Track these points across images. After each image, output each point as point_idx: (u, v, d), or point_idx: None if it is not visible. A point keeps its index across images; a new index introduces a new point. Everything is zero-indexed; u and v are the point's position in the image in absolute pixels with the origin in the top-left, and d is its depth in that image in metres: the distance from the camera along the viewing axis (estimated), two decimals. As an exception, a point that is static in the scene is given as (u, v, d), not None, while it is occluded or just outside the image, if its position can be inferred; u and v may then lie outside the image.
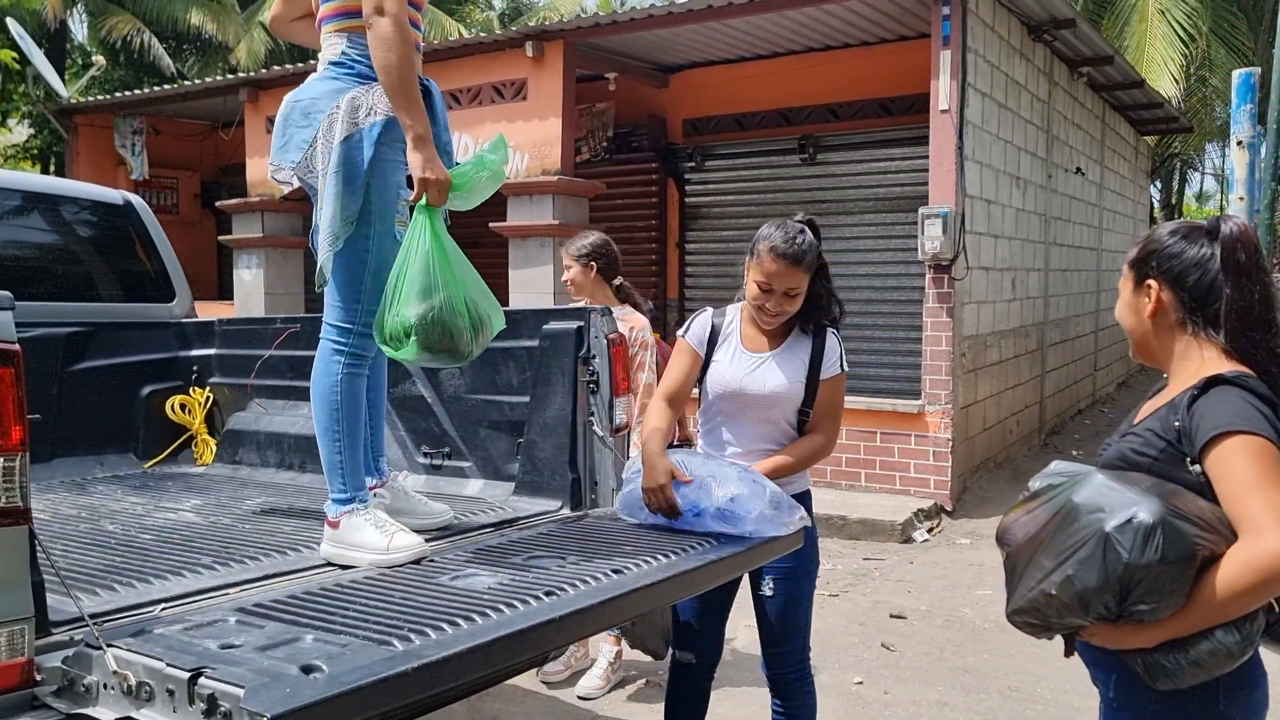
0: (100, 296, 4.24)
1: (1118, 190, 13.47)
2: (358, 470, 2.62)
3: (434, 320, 2.40)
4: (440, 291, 2.40)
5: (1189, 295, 1.86)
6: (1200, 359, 1.85)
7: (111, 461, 4.06)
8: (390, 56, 2.44)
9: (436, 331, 2.40)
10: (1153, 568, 1.65)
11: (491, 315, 2.53)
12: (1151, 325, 1.92)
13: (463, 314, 2.43)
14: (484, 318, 2.50)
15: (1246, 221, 1.93)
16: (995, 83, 8.11)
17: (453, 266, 2.44)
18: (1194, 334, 1.87)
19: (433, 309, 2.39)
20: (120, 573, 2.29)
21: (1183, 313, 1.87)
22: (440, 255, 2.43)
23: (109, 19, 15.88)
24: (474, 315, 2.46)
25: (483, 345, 2.54)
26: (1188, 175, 25.64)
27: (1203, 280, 1.85)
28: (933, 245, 7.29)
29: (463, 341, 2.45)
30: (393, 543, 2.46)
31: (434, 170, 2.45)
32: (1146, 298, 1.91)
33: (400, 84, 2.45)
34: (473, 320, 2.46)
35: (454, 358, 2.50)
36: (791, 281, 2.83)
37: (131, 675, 1.71)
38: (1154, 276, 1.90)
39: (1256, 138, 6.41)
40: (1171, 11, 14.40)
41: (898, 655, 4.71)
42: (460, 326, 2.43)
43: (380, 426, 2.95)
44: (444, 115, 2.71)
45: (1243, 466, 1.68)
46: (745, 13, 8.06)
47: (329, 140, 2.53)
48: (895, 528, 6.90)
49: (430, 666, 1.72)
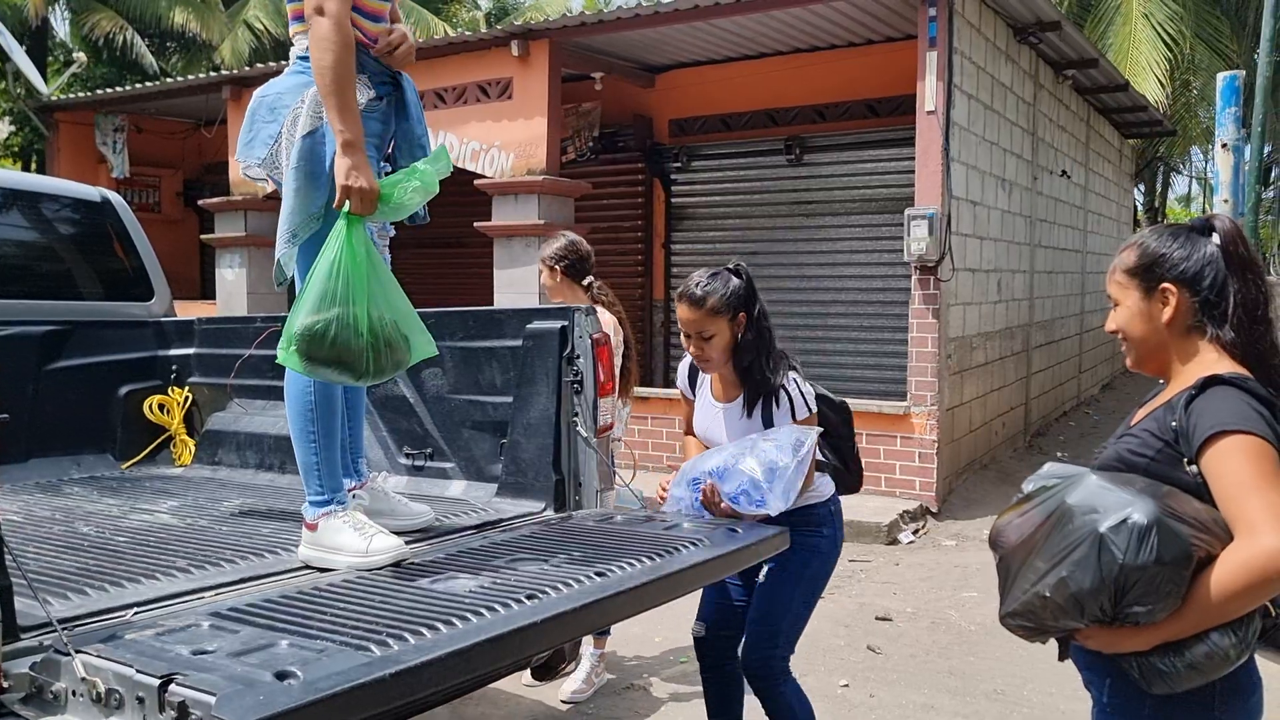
0: (78, 294, 4.18)
1: (1102, 193, 13.52)
2: (335, 472, 2.58)
3: (319, 334, 2.29)
4: (337, 306, 2.29)
5: (1206, 295, 1.84)
6: (1204, 360, 1.83)
7: (88, 462, 4.00)
8: (325, 57, 2.38)
9: (321, 346, 2.30)
10: (1148, 569, 1.63)
11: (410, 338, 2.40)
12: (1168, 331, 1.88)
13: (362, 333, 2.30)
14: (393, 340, 2.36)
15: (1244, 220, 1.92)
16: (981, 84, 8.12)
17: (362, 280, 2.31)
18: (1206, 335, 1.85)
19: (320, 322, 2.28)
20: (93, 576, 2.24)
21: (1198, 314, 1.85)
22: (351, 267, 2.31)
23: (91, 16, 15.77)
24: (381, 336, 2.33)
25: (394, 368, 2.41)
26: (1171, 178, 25.79)
27: (1216, 279, 1.84)
28: (918, 247, 7.28)
29: (360, 361, 2.32)
30: (372, 545, 2.42)
31: (359, 178, 2.35)
32: (1162, 304, 1.87)
33: (333, 86, 2.38)
34: (376, 341, 2.32)
35: (349, 376, 2.37)
36: (701, 325, 2.88)
37: (100, 682, 1.67)
38: (1168, 280, 1.87)
39: (1241, 141, 6.44)
40: (1155, 15, 14.47)
41: (884, 658, 4.69)
42: (357, 345, 2.30)
43: (359, 427, 2.89)
44: (417, 110, 2.66)
45: (1239, 466, 1.67)
46: (731, 13, 8.04)
47: (292, 135, 2.49)
48: (881, 529, 6.89)
49: (409, 672, 1.68)
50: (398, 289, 2.42)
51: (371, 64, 2.59)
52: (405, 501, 2.83)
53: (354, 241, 2.33)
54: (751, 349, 2.90)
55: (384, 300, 2.36)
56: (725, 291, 2.88)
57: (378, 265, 2.37)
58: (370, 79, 2.57)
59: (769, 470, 2.69)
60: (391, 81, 2.64)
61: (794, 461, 2.69)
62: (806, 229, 9.74)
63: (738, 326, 2.89)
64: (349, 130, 2.37)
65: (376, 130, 2.58)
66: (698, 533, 2.70)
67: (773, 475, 2.69)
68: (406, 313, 2.42)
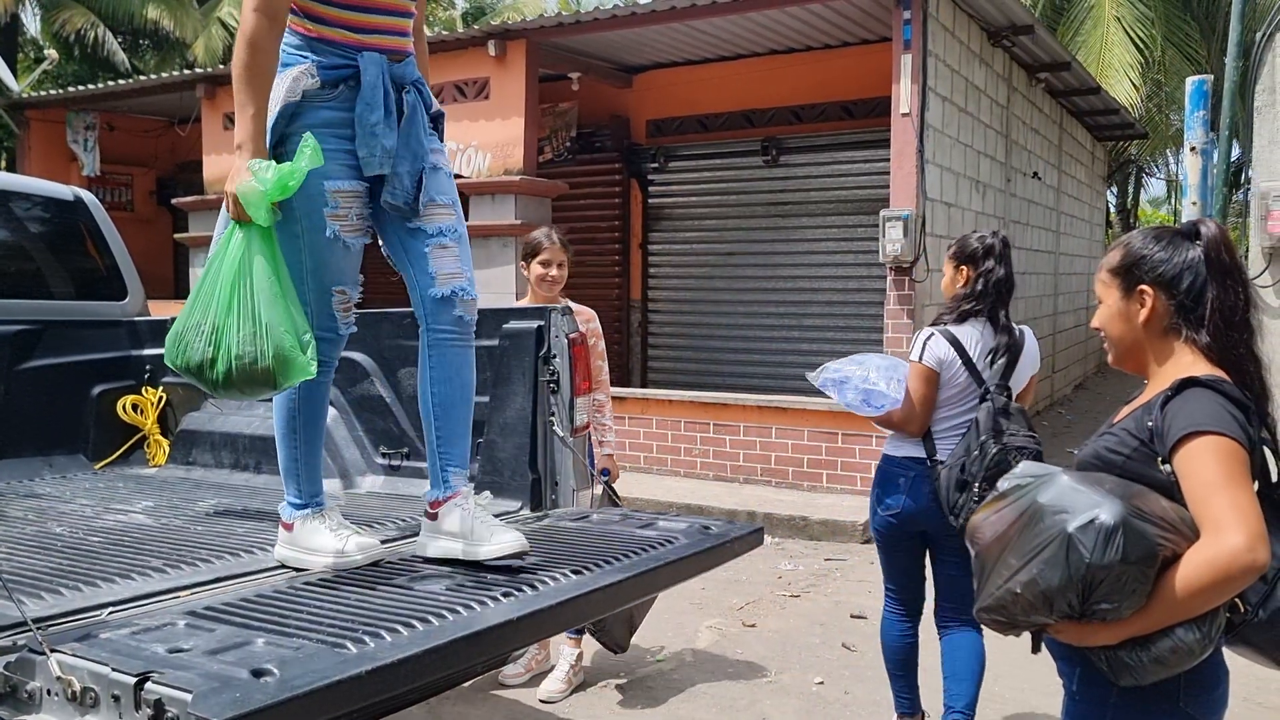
0: (50, 294, 4.15)
1: (1075, 195, 13.65)
2: (315, 477, 2.54)
3: (175, 338, 2.31)
4: (192, 309, 2.29)
5: (1182, 299, 1.88)
6: (1181, 362, 1.87)
7: (61, 462, 3.97)
8: (237, 49, 2.34)
9: (174, 349, 2.32)
10: (1114, 568, 1.66)
11: (271, 352, 2.23)
12: (1144, 332, 1.92)
13: (205, 336, 2.25)
14: (238, 350, 2.23)
15: (1221, 224, 1.96)
16: (955, 87, 8.19)
17: (215, 286, 2.27)
18: (1182, 337, 1.89)
19: (181, 327, 2.30)
20: (67, 576, 2.23)
21: (1174, 317, 1.89)
22: (211, 272, 2.28)
23: (62, 13, 15.64)
24: (222, 344, 2.24)
25: (245, 381, 2.26)
26: (1144, 181, 26.06)
27: (1194, 284, 1.87)
28: (894, 248, 7.34)
29: (206, 369, 2.27)
30: (348, 545, 2.39)
31: (230, 183, 2.30)
32: (1139, 304, 1.92)
33: (235, 81, 2.33)
34: (219, 347, 2.24)
35: (204, 385, 2.33)
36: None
37: (76, 681, 1.66)
38: (1147, 282, 1.91)
39: (1209, 144, 6.52)
40: (1126, 18, 14.64)
41: (858, 655, 4.73)
42: (203, 354, 2.26)
43: (449, 429, 2.56)
44: (373, 95, 2.41)
45: (1208, 466, 1.71)
46: (708, 14, 8.07)
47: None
48: (856, 528, 6.93)
49: (385, 669, 1.69)
50: (267, 299, 2.25)
51: (326, 50, 2.43)
52: (496, 526, 2.42)
53: (225, 246, 2.29)
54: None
55: (240, 309, 2.24)
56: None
57: (245, 273, 2.26)
58: (319, 67, 2.41)
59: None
60: (351, 68, 2.43)
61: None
62: (783, 230, 9.79)
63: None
64: (239, 133, 2.33)
65: (330, 119, 2.42)
66: (673, 531, 2.72)
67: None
68: (271, 325, 2.24)
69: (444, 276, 2.51)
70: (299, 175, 2.27)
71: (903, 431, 3.49)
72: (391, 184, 2.46)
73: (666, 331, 10.82)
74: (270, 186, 2.24)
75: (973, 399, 3.40)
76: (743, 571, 5.82)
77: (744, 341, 10.04)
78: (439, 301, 2.50)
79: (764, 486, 7.94)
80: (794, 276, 9.64)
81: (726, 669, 4.54)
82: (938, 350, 3.42)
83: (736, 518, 6.92)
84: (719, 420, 8.18)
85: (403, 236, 2.54)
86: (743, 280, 10.04)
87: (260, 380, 2.27)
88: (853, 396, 3.46)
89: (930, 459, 3.41)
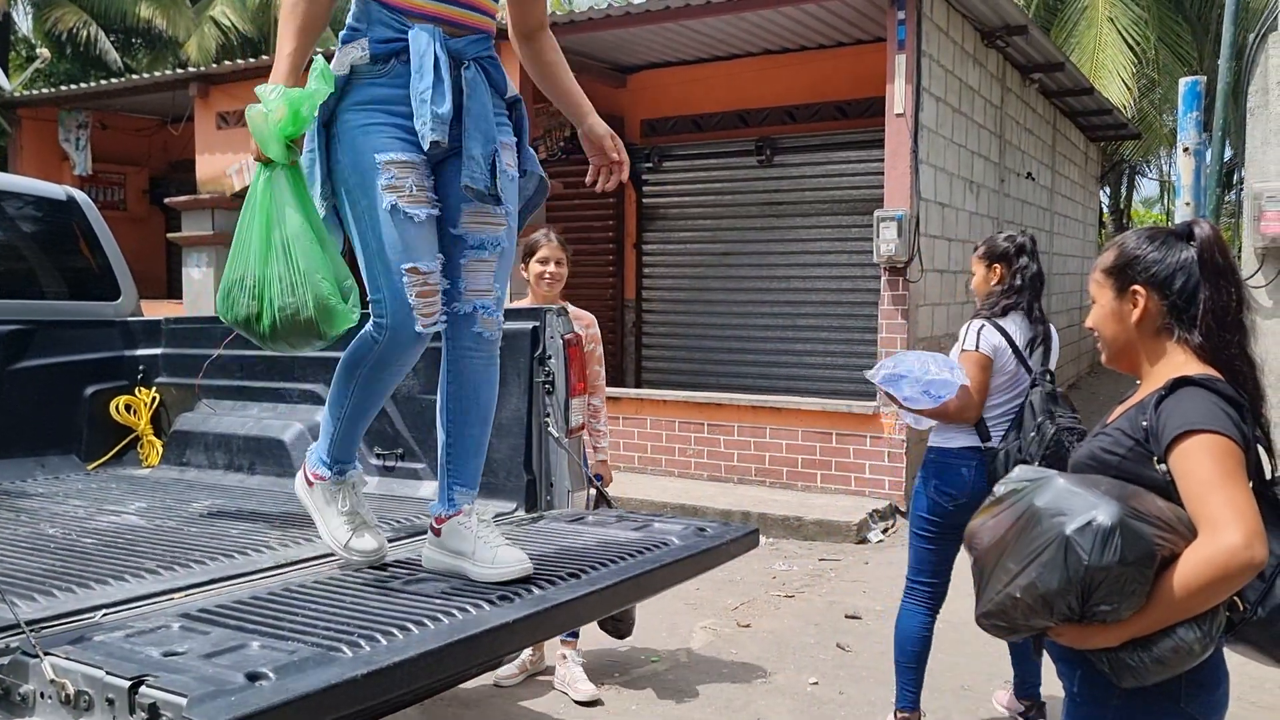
0: (42, 294, 4.13)
1: (1068, 195, 13.68)
2: (349, 444, 2.46)
3: (224, 291, 2.26)
4: (233, 262, 2.24)
5: (1175, 299, 1.89)
6: (1174, 362, 1.88)
7: (53, 463, 3.95)
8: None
9: (224, 304, 2.27)
10: (1112, 569, 1.67)
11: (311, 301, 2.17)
12: (1137, 331, 1.93)
13: (249, 290, 2.21)
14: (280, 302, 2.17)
15: (1215, 225, 1.96)
16: (949, 87, 8.20)
17: (250, 236, 2.20)
18: (1174, 337, 1.89)
19: (224, 279, 2.25)
20: (60, 578, 2.22)
21: (1167, 317, 1.90)
22: (244, 222, 2.21)
23: (54, 11, 15.60)
24: (265, 296, 2.19)
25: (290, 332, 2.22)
26: (1137, 181, 26.14)
27: (1187, 284, 1.88)
28: (888, 248, 7.35)
29: (253, 322, 2.24)
30: (352, 541, 2.35)
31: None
32: (1132, 304, 1.92)
33: (281, 19, 2.27)
34: (263, 300, 2.20)
35: (254, 336, 2.28)
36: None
37: (70, 684, 1.66)
38: (1139, 282, 1.91)
39: (1202, 145, 6.54)
40: (1120, 19, 14.67)
41: (853, 655, 4.73)
42: (244, 304, 2.23)
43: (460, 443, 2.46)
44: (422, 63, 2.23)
45: (1204, 464, 1.71)
46: (702, 14, 8.07)
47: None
48: (850, 528, 6.94)
49: (380, 673, 1.68)
50: (315, 246, 2.18)
51: (385, 17, 2.27)
52: (502, 544, 2.31)
53: (256, 191, 2.20)
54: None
55: (286, 260, 2.17)
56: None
57: (288, 220, 2.17)
58: (371, 41, 2.27)
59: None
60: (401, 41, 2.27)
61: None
62: (777, 230, 9.79)
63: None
64: (273, 72, 2.22)
65: (381, 95, 2.27)
66: (668, 533, 2.72)
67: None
68: (317, 274, 2.18)
69: (470, 292, 2.39)
70: (311, 100, 2.13)
71: (958, 420, 3.60)
72: (469, 166, 2.28)
73: (661, 331, 10.82)
74: (278, 112, 2.11)
75: (1019, 386, 3.60)
76: (737, 572, 5.82)
77: (738, 341, 10.05)
78: (460, 318, 2.39)
79: (758, 487, 7.94)
80: (788, 276, 9.65)
81: (721, 669, 4.54)
82: (991, 339, 3.61)
83: (731, 518, 6.92)
84: (713, 420, 8.18)
85: (444, 239, 2.38)
86: (737, 280, 10.04)
87: (304, 330, 2.21)
88: (910, 390, 3.50)
89: (986, 444, 3.57)
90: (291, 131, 2.15)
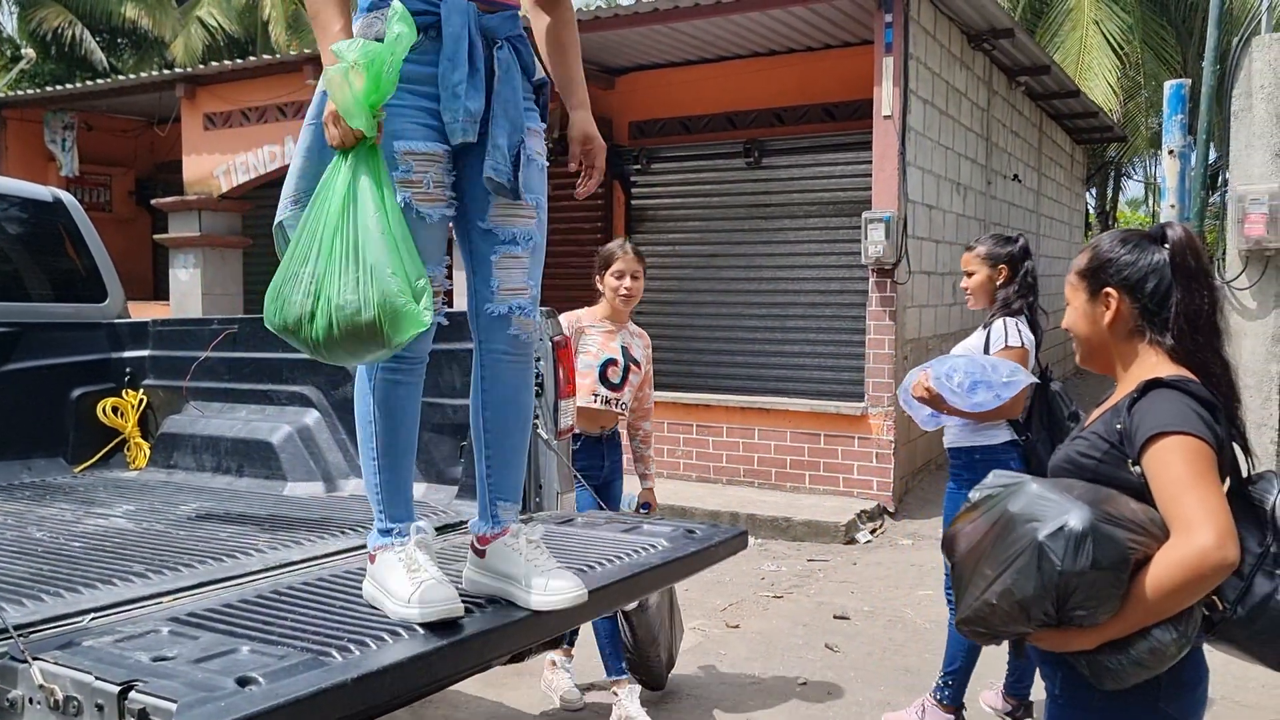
0: (29, 296, 4.11)
1: (1054, 197, 13.74)
2: (398, 499, 2.16)
3: (273, 292, 1.95)
4: (290, 259, 1.93)
5: (1146, 302, 1.90)
6: (1146, 363, 1.90)
7: (40, 466, 3.94)
8: None
9: (272, 307, 1.96)
10: (1086, 574, 1.68)
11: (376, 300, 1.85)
12: (1109, 334, 1.95)
13: (304, 287, 1.90)
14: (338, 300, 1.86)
15: (1191, 227, 1.98)
16: (937, 90, 8.23)
17: (319, 228, 1.90)
18: (1146, 340, 1.91)
19: (276, 279, 1.96)
20: (48, 582, 2.22)
21: (1139, 320, 1.91)
22: (314, 213, 1.92)
23: (39, 11, 15.52)
24: (321, 294, 1.88)
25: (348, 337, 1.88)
26: (1122, 183, 26.27)
27: (1159, 287, 1.89)
28: (876, 250, 7.37)
29: (304, 324, 1.92)
30: (418, 594, 1.96)
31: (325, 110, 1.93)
32: (1104, 307, 1.94)
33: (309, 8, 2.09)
34: (318, 298, 1.88)
35: (301, 344, 1.97)
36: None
37: (58, 689, 1.65)
38: (1112, 285, 1.93)
39: (1187, 147, 6.59)
40: (1105, 23, 14.75)
41: (841, 656, 4.75)
42: (296, 303, 1.92)
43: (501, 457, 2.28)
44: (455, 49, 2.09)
45: (1177, 466, 1.72)
46: (691, 16, 8.08)
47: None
48: (839, 529, 6.96)
49: (370, 678, 1.69)
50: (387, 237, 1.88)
51: None
52: (554, 569, 2.13)
53: (328, 183, 1.92)
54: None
55: (351, 252, 1.87)
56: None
57: (361, 206, 1.89)
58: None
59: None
60: (433, 14, 2.09)
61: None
62: (765, 231, 9.81)
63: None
64: (325, 57, 1.99)
65: (406, 73, 1.99)
66: (657, 535, 2.73)
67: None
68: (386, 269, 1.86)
69: (504, 292, 2.22)
70: (395, 53, 1.85)
71: (1009, 416, 3.68)
72: (494, 156, 2.10)
73: (649, 333, 10.79)
74: (358, 79, 1.83)
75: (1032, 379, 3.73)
76: (726, 573, 5.83)
77: (727, 343, 10.05)
78: (494, 319, 2.23)
79: (747, 487, 7.95)
80: (776, 278, 9.67)
81: (710, 670, 4.55)
82: (1027, 335, 3.80)
83: (719, 519, 6.94)
84: (702, 421, 8.19)
85: (473, 234, 2.23)
86: (725, 281, 10.05)
87: (365, 336, 1.87)
88: (984, 395, 3.54)
89: (1024, 437, 3.73)
90: (376, 99, 1.87)
